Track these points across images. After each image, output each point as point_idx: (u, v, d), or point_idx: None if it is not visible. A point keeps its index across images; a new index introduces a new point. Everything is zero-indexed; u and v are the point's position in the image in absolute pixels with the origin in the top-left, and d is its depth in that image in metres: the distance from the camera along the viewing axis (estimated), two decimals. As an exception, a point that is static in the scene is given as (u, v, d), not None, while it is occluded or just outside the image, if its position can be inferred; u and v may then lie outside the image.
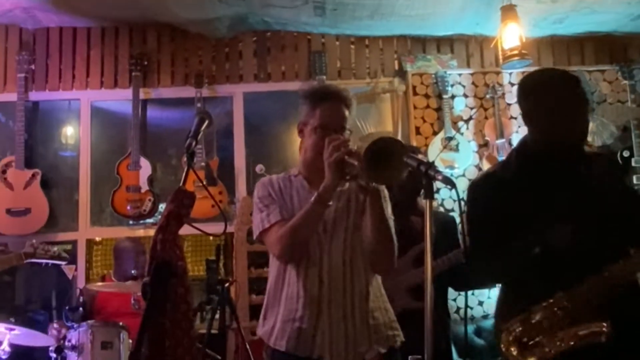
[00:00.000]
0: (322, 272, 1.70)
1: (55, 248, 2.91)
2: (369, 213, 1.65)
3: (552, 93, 1.67)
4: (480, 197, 1.88)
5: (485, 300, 3.63)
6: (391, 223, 1.75)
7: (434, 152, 3.59)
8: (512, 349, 1.56)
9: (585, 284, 1.53)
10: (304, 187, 1.79)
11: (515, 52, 3.33)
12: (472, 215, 1.87)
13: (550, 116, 1.66)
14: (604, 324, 1.45)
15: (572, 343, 1.45)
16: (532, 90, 1.75)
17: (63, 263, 3.16)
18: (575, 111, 1.65)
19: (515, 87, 3.59)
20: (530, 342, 1.54)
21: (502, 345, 1.58)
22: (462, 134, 3.75)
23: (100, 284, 3.51)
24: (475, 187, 1.99)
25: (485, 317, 3.62)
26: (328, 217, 1.75)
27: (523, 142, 1.89)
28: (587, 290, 1.51)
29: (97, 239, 4.29)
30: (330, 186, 1.56)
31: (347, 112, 1.73)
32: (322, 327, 1.66)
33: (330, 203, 1.64)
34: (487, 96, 3.82)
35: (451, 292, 2.65)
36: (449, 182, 1.30)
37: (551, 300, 1.55)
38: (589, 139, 3.64)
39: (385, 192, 1.78)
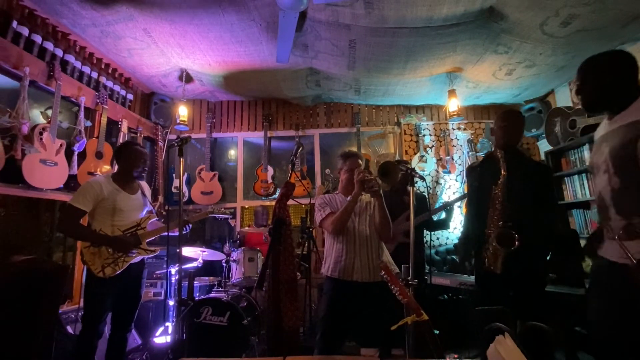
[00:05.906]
0: (355, 237, 2.06)
1: (225, 210, 3.24)
2: (376, 208, 2.00)
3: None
4: (469, 175, 2.48)
5: (440, 235, 4.57)
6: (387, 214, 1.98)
7: (414, 163, 4.63)
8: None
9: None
10: (341, 198, 2.20)
11: (455, 113, 4.17)
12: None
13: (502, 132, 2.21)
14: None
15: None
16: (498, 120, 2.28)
17: (229, 217, 4.05)
18: (518, 130, 2.22)
19: (455, 131, 4.70)
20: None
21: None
22: (428, 154, 4.71)
23: (247, 229, 4.45)
24: (470, 169, 2.54)
25: (439, 245, 4.50)
26: (357, 211, 2.12)
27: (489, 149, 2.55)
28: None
29: (246, 206, 5.04)
30: (357, 193, 1.97)
31: (360, 162, 2.16)
32: (355, 264, 2.04)
33: (357, 203, 2.00)
34: (441, 135, 4.81)
35: (424, 232, 3.15)
36: (422, 178, 1.78)
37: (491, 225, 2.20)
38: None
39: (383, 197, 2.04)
